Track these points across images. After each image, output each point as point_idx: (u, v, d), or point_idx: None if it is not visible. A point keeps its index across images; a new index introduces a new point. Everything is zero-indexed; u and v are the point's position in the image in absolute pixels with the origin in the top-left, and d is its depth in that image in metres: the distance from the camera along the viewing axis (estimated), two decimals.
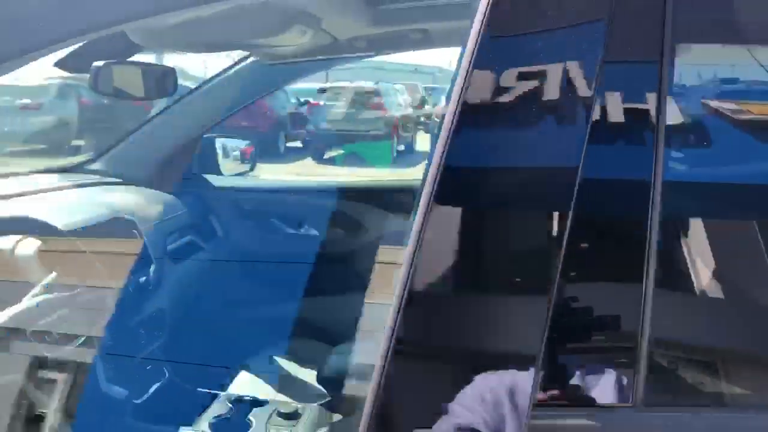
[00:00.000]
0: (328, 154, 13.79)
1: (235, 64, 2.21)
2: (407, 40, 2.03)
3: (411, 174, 12.01)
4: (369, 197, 2.36)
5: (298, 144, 14.57)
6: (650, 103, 0.69)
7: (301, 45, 1.64)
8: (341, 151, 13.82)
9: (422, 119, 16.63)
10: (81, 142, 12.86)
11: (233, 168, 2.69)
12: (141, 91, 1.54)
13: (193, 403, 1.87)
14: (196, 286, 2.23)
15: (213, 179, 2.43)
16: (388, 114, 13.45)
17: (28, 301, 1.26)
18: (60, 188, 2.05)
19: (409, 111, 15.60)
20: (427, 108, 18.38)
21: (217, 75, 2.22)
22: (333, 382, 1.56)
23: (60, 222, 1.47)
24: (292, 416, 1.77)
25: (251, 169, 2.68)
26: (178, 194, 2.25)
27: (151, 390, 1.81)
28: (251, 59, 2.17)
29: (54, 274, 1.37)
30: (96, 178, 2.24)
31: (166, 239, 2.00)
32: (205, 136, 2.39)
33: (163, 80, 1.61)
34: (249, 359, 2.14)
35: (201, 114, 2.26)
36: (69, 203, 1.91)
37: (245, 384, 1.97)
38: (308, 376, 2.05)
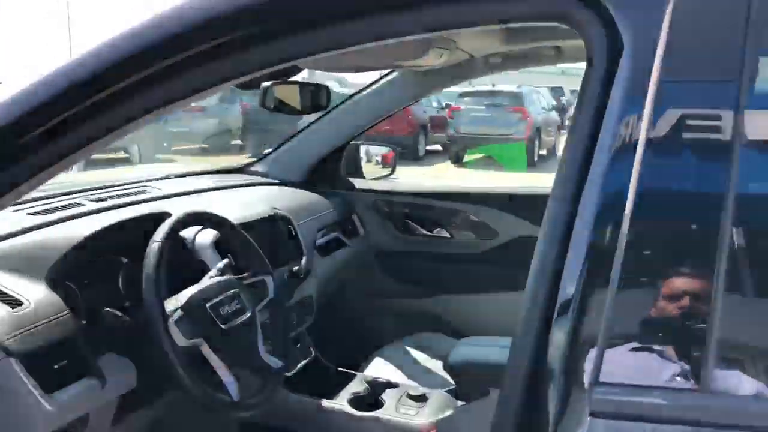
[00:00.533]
0: (467, 158, 13.89)
1: (382, 77, 2.44)
2: (542, 55, 2.15)
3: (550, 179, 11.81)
4: (500, 202, 2.50)
5: (438, 147, 14.83)
6: None
7: (441, 64, 1.82)
8: (478, 155, 13.87)
9: (567, 122, 16.32)
10: (239, 142, 13.97)
11: (374, 172, 2.92)
12: (299, 107, 1.80)
13: (334, 381, 2.12)
14: (340, 277, 2.49)
15: (357, 182, 2.68)
16: (530, 118, 13.32)
17: (206, 281, 1.54)
18: (231, 186, 2.38)
19: (552, 114, 15.34)
20: (572, 111, 17.97)
21: (367, 87, 2.47)
22: (458, 370, 1.72)
23: (232, 216, 1.75)
24: (420, 399, 1.96)
25: (391, 173, 2.91)
26: (327, 195, 2.52)
27: (299, 365, 2.07)
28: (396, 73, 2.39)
29: (226, 260, 1.65)
30: (258, 178, 2.56)
31: (315, 234, 2.27)
32: (351, 143, 2.64)
33: (318, 96, 1.86)
34: (384, 345, 2.36)
35: (350, 123, 2.51)
36: (240, 199, 2.22)
37: (380, 367, 2.19)
38: (435, 365, 2.23)
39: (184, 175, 2.52)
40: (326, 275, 2.30)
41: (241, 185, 2.42)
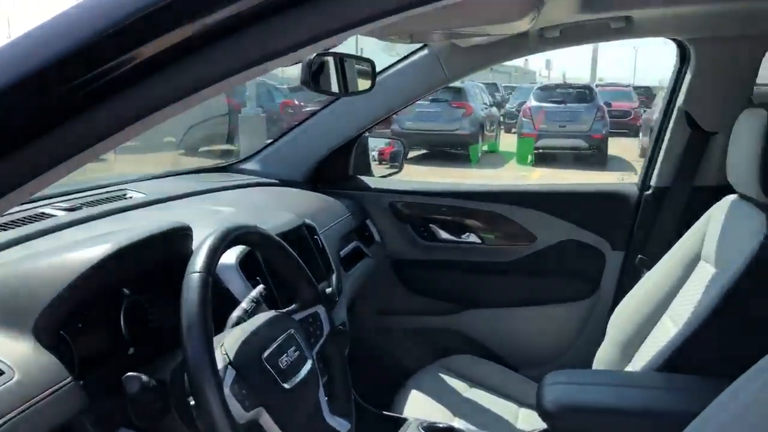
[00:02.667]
0: (411, 153, 13.59)
1: (405, 57, 2.06)
2: (608, 29, 1.83)
3: (497, 175, 11.77)
4: (536, 201, 2.17)
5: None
6: None
7: (525, 28, 1.45)
8: (422, 151, 13.61)
9: (504, 119, 16.28)
10: (172, 139, 13.05)
11: (380, 169, 2.55)
12: (347, 86, 1.41)
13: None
14: (356, 294, 2.09)
15: (369, 180, 2.29)
16: (473, 114, 13.14)
17: (249, 321, 1.12)
18: (228, 187, 1.95)
19: (493, 110, 15.25)
20: (508, 107, 17.99)
21: (384, 71, 2.07)
22: (556, 415, 1.38)
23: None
24: None
25: (399, 170, 2.53)
26: (337, 196, 2.12)
27: None
28: (423, 53, 2.01)
29: (260, 287, 1.24)
30: (254, 178, 2.13)
31: (338, 245, 1.86)
32: (365, 135, 2.24)
33: (367, 73, 1.47)
34: (414, 373, 1.99)
35: (364, 111, 2.11)
36: (252, 204, 1.79)
37: (424, 405, 1.81)
38: (487, 398, 1.88)
39: (165, 175, 2.07)
40: (350, 294, 1.90)
41: (237, 186, 1.99)
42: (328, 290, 1.60)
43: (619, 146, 13.61)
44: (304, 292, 1.25)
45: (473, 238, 2.22)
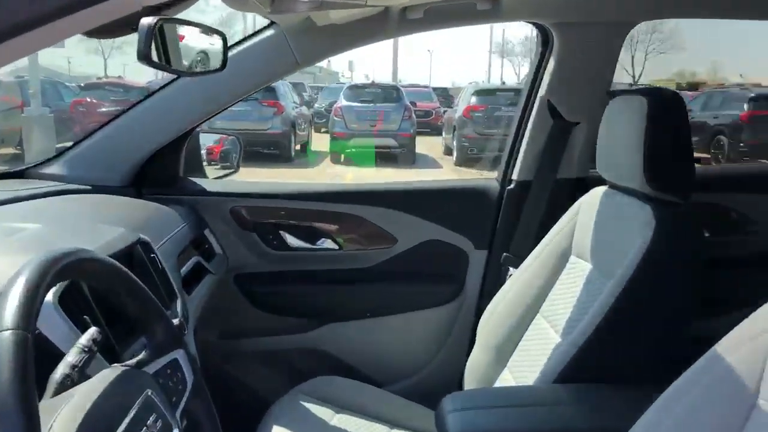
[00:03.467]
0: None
1: (240, 42, 1.77)
2: (472, 13, 1.69)
3: (312, 175, 11.63)
4: (395, 200, 1.99)
5: None
6: None
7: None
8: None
9: (313, 119, 16.18)
10: None
11: (210, 170, 2.22)
12: (191, 63, 1.10)
13: None
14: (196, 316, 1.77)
15: (204, 183, 1.97)
16: (285, 112, 12.87)
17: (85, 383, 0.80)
18: (15, 198, 1.52)
19: (304, 109, 15.10)
20: (317, 107, 17.92)
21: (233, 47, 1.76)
22: None
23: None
24: None
25: (235, 171, 2.22)
26: (166, 202, 1.78)
27: None
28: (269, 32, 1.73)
29: (93, 330, 0.91)
30: (58, 185, 1.72)
31: (176, 262, 1.53)
32: (199, 130, 1.91)
33: (215, 49, 1.16)
34: (274, 403, 1.72)
35: (198, 102, 1.79)
36: (58, 217, 1.40)
37: None
38: (365, 425, 1.66)
39: None
40: (195, 321, 1.58)
41: (37, 195, 1.57)
42: (176, 321, 1.28)
43: (424, 145, 14.10)
44: (157, 334, 0.94)
45: (329, 243, 1.99)
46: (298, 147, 13.84)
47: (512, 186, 1.97)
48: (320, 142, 14.24)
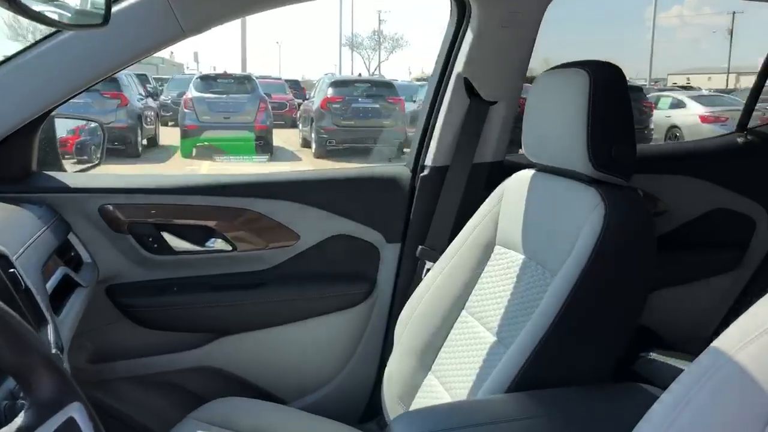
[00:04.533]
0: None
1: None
2: None
3: (164, 170, 10.91)
4: (294, 192, 1.76)
5: None
6: None
7: None
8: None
9: (160, 111, 15.27)
10: None
11: (69, 165, 1.88)
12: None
13: None
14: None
15: (65, 177, 1.62)
16: (129, 105, 12.02)
17: None
18: None
19: (150, 102, 14.21)
20: (163, 99, 16.92)
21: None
22: None
23: None
24: None
25: (98, 163, 1.88)
26: (18, 203, 1.43)
27: None
28: None
29: None
30: None
31: (39, 277, 1.21)
32: (54, 114, 1.56)
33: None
34: None
35: (52, 82, 1.43)
36: None
37: None
38: None
39: None
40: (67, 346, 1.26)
41: None
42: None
43: (280, 137, 13.77)
44: (43, 385, 0.66)
45: (220, 244, 1.71)
46: (145, 141, 13.00)
47: (426, 172, 1.80)
48: (169, 135, 13.45)
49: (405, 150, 10.85)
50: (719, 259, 2.04)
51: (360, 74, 22.73)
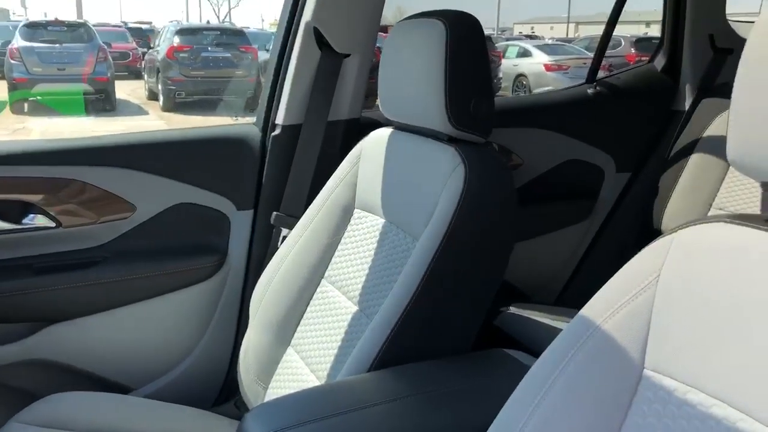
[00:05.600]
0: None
1: None
2: None
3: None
4: (125, 156, 1.56)
5: None
6: None
7: None
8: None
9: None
10: None
11: None
12: None
13: None
14: None
15: None
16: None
17: None
18: None
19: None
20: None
21: None
22: None
23: None
24: None
25: None
26: None
27: None
28: None
29: None
30: None
31: None
32: None
33: None
34: None
35: None
36: None
37: None
38: None
39: None
40: None
41: None
42: None
43: (123, 89, 12.86)
44: None
45: (41, 220, 1.49)
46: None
47: (277, 132, 1.66)
48: None
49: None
50: (572, 210, 2.07)
51: (208, 21, 21.61)
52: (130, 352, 1.62)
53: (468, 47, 1.16)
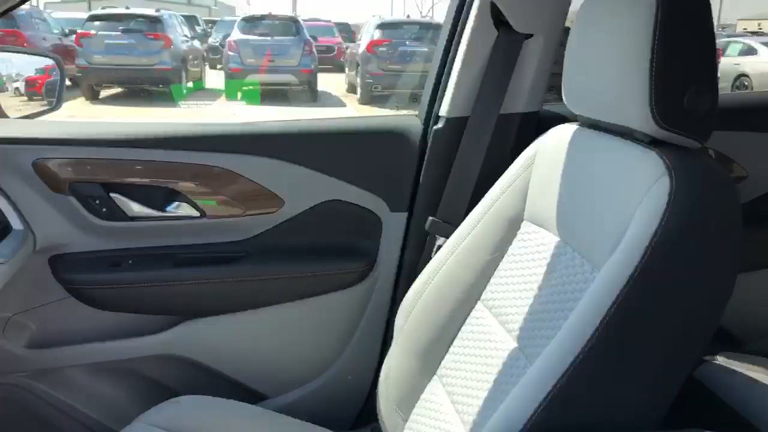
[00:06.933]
0: (104, 93, 11.89)
1: None
2: None
3: (205, 115, 10.73)
4: (279, 146, 1.44)
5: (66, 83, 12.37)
6: None
7: None
8: (117, 90, 12.02)
9: (207, 54, 15.08)
10: None
11: (17, 106, 1.62)
12: None
13: None
14: None
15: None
16: (173, 47, 11.81)
17: None
18: None
19: (196, 44, 14.01)
20: (211, 42, 16.72)
21: None
22: None
23: None
24: None
25: (54, 108, 1.59)
26: None
27: None
28: None
29: None
30: None
31: None
32: None
33: None
34: None
35: None
36: None
37: None
38: None
39: None
40: None
41: None
42: None
43: (326, 82, 13.42)
44: None
45: (185, 209, 1.42)
46: (190, 84, 12.84)
47: (440, 125, 1.44)
48: (217, 78, 13.25)
49: None
50: None
51: (408, 16, 21.95)
52: (267, 357, 1.51)
53: (686, 20, 0.86)
